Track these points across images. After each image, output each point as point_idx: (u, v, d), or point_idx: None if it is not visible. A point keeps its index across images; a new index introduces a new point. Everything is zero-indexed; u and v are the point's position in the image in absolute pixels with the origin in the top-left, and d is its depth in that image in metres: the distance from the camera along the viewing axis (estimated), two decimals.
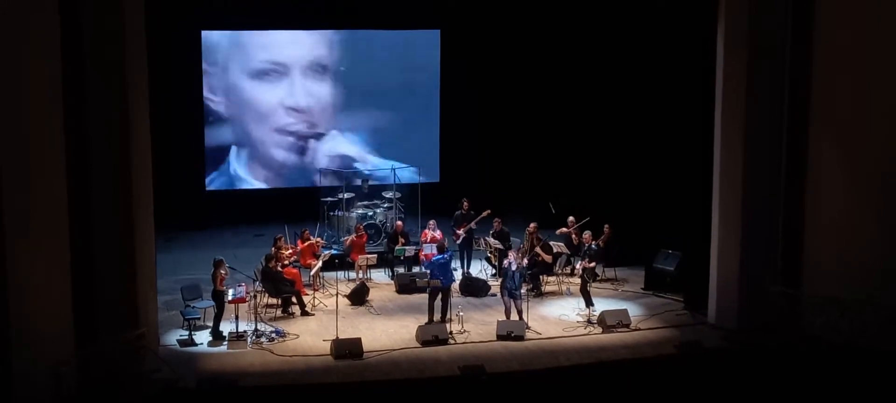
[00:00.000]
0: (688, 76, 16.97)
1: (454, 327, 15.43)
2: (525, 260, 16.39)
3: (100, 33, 13.17)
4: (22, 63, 11.61)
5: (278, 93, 23.09)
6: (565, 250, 18.30)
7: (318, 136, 23.47)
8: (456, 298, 16.77)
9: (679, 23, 17.18)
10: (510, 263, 15.74)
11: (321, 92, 23.34)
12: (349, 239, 18.90)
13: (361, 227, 19.17)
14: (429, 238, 18.15)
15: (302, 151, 23.44)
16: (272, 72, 22.99)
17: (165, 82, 18.51)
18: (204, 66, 22.48)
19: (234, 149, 23.08)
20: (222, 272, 15.19)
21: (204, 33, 22.43)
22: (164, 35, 18.36)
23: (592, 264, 16.70)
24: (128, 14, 13.46)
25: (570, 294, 17.71)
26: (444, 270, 15.83)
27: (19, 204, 11.61)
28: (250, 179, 23.29)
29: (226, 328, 15.18)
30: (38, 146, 11.94)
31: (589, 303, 16.19)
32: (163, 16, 16.89)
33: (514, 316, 15.64)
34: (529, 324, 15.63)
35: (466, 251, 19.04)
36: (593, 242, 17.11)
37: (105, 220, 13.44)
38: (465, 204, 19.21)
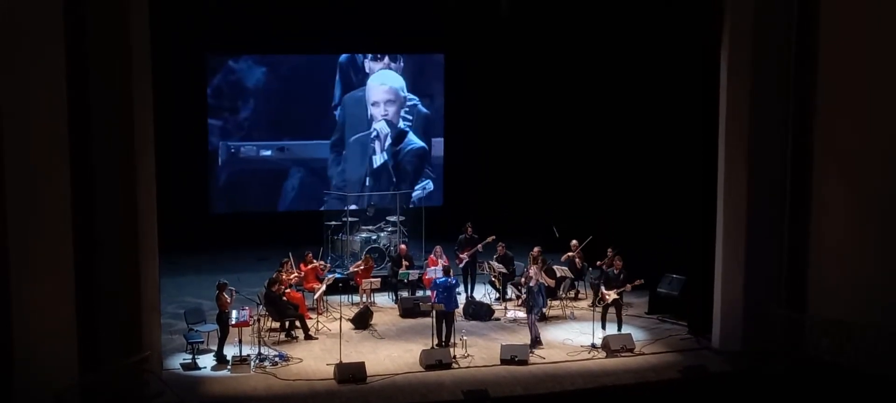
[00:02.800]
0: (691, 99, 16.97)
1: (458, 351, 15.40)
2: (543, 276, 16.31)
3: (105, 56, 13.21)
4: (27, 89, 11.67)
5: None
6: (569, 274, 18.30)
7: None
8: (460, 322, 16.76)
9: (683, 46, 17.21)
10: (530, 280, 15.73)
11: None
12: (356, 265, 18.82)
13: (371, 258, 19.10)
14: (437, 264, 18.09)
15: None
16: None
17: (170, 105, 18.61)
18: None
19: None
20: (226, 296, 15.20)
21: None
22: (169, 58, 18.46)
23: (629, 288, 16.53)
24: (133, 38, 13.51)
25: (573, 318, 17.69)
26: (448, 294, 15.82)
27: (24, 227, 11.65)
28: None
29: (229, 352, 15.18)
30: (43, 170, 11.99)
31: (620, 326, 16.39)
32: (168, 39, 16.99)
33: (520, 337, 15.61)
34: (533, 348, 15.61)
35: (470, 275, 19.04)
36: (612, 268, 16.90)
37: (109, 244, 13.44)
38: (469, 228, 19.22)
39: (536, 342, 15.82)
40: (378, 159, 23.62)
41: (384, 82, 23.52)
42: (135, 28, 13.57)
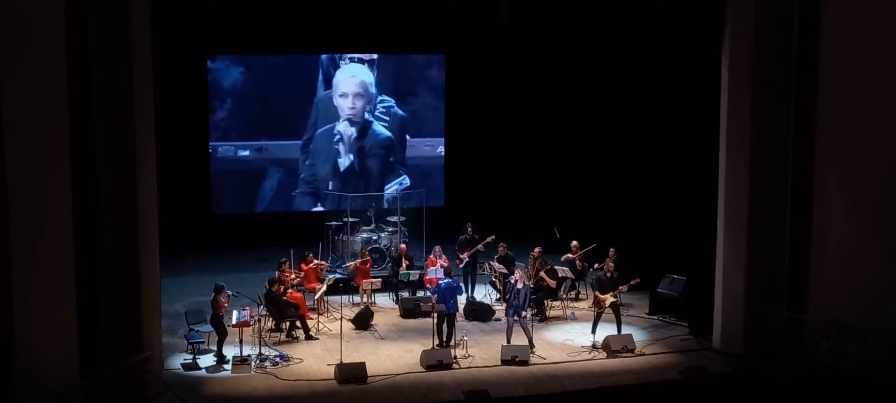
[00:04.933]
0: (692, 100, 17.00)
1: (458, 351, 15.41)
2: (531, 284, 16.39)
3: (107, 57, 13.22)
4: (29, 90, 11.67)
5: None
6: (570, 275, 18.29)
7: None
8: (461, 322, 16.77)
9: (684, 47, 17.23)
10: (516, 282, 15.74)
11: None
12: (353, 264, 18.89)
13: (367, 252, 19.18)
14: (437, 264, 18.09)
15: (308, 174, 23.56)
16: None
17: (171, 107, 18.62)
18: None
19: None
20: (222, 298, 15.19)
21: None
22: (170, 60, 18.47)
23: (625, 288, 16.48)
24: (134, 40, 13.53)
25: (574, 318, 17.70)
26: (451, 295, 15.82)
27: (25, 228, 11.64)
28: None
29: (230, 352, 15.18)
30: (45, 172, 11.99)
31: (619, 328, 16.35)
32: (169, 42, 17.00)
33: (517, 339, 15.61)
34: (534, 349, 15.61)
35: (471, 275, 19.04)
36: (604, 271, 16.82)
37: (110, 245, 13.44)
38: (469, 229, 19.23)
39: (508, 340, 15.71)
40: (343, 162, 23.45)
41: (355, 75, 23.29)
42: (136, 28, 13.58)
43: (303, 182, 23.42)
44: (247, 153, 23.29)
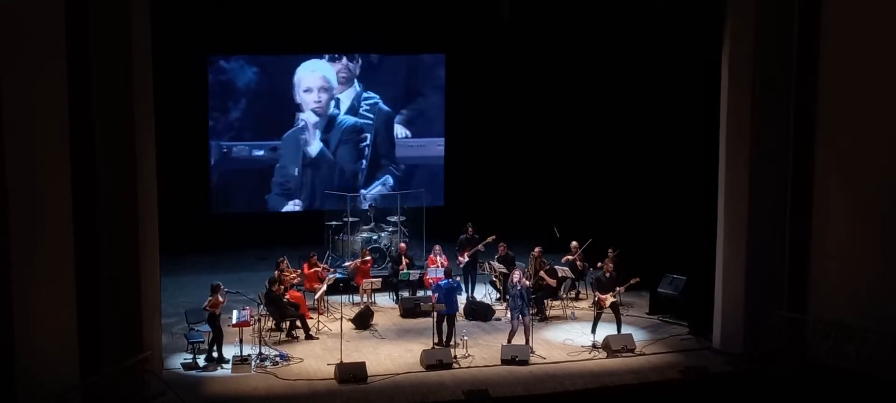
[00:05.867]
0: (692, 100, 17.00)
1: (458, 351, 15.41)
2: (530, 284, 16.39)
3: (107, 57, 13.22)
4: (29, 90, 11.67)
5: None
6: (570, 275, 18.29)
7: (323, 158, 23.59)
8: (461, 322, 16.77)
9: (684, 46, 17.22)
10: (516, 281, 15.73)
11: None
12: (353, 263, 18.88)
13: (367, 251, 19.18)
14: (437, 263, 18.09)
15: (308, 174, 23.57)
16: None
17: (171, 107, 18.61)
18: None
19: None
20: (219, 297, 15.19)
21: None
22: (170, 60, 18.46)
23: (623, 289, 16.48)
24: (134, 40, 13.52)
25: (574, 318, 17.70)
26: (449, 296, 15.82)
27: (25, 228, 11.65)
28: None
29: (230, 351, 15.19)
30: (45, 172, 11.99)
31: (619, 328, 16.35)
32: (170, 41, 16.99)
33: (520, 338, 15.62)
34: (534, 348, 15.61)
35: (471, 275, 19.04)
36: (603, 272, 16.82)
37: (110, 245, 13.44)
38: (470, 228, 19.23)
39: (509, 340, 15.74)
40: (313, 150, 23.39)
41: (315, 70, 23.22)
42: (136, 28, 13.58)
43: (275, 184, 23.40)
44: (261, 153, 23.31)
